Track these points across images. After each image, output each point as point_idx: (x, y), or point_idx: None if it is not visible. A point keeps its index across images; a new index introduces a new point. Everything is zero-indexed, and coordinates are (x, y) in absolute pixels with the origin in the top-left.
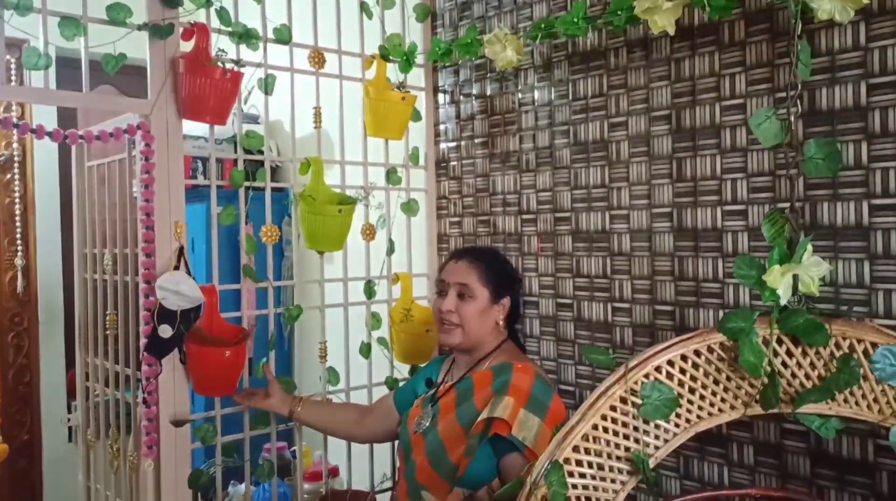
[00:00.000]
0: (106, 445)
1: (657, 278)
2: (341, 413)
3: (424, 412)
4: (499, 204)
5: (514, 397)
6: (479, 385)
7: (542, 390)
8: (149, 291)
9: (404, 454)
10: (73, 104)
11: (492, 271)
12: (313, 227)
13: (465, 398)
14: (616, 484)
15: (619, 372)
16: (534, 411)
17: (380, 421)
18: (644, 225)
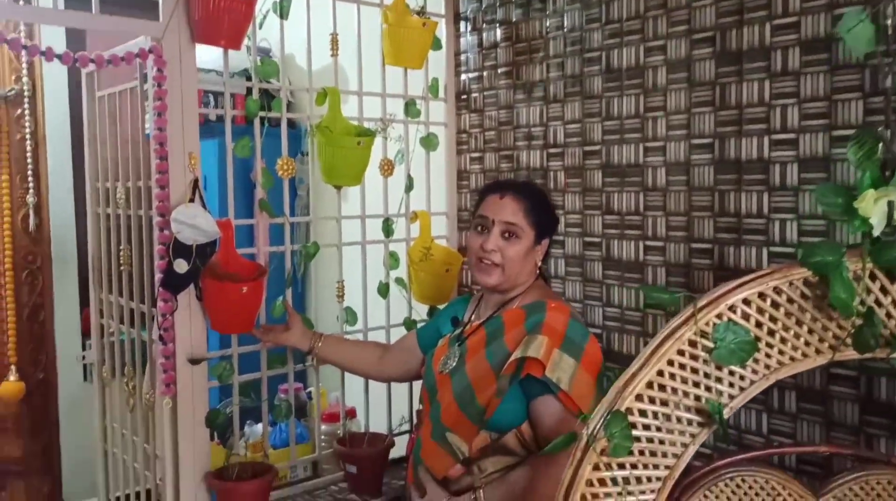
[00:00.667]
0: (122, 383)
1: (695, 215)
2: (362, 351)
3: (451, 352)
4: (523, 138)
5: (548, 336)
6: (510, 324)
7: (578, 330)
8: (163, 224)
9: (429, 394)
10: (81, 25)
11: (538, 210)
12: (331, 159)
13: (495, 338)
14: (685, 437)
15: (687, 312)
16: (569, 352)
17: (402, 360)
18: (682, 157)
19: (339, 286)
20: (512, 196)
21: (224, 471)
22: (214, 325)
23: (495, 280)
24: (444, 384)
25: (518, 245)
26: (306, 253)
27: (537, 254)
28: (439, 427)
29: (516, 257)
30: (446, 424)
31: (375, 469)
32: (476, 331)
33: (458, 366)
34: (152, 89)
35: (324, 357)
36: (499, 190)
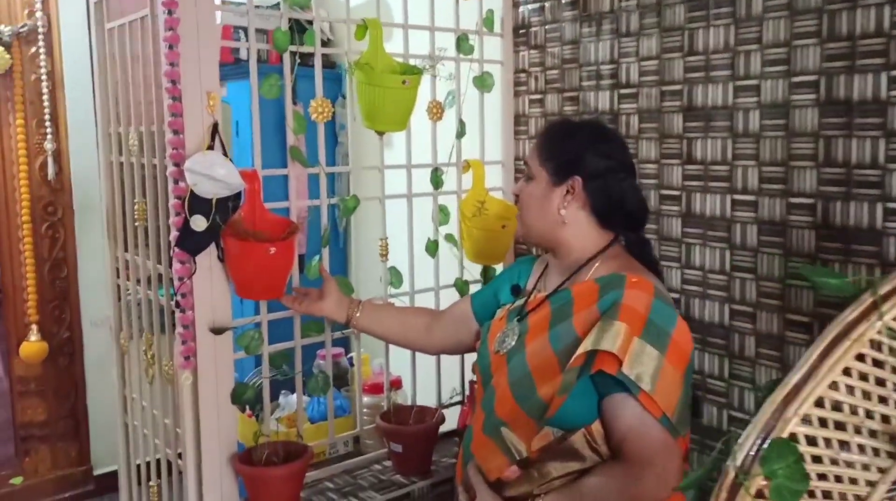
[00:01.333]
0: (140, 351)
1: (794, 164)
2: (407, 320)
3: (509, 328)
4: (590, 77)
5: (627, 322)
6: (581, 301)
7: (664, 312)
8: (178, 175)
9: (482, 377)
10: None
11: (553, 143)
12: (372, 101)
13: (562, 318)
14: (871, 472)
15: (865, 303)
16: (652, 341)
17: (453, 330)
18: (779, 97)
19: (383, 244)
20: (540, 135)
21: (253, 453)
22: (239, 290)
23: (518, 229)
24: (499, 367)
25: (531, 187)
26: (345, 207)
27: (556, 199)
28: (493, 419)
29: (527, 201)
30: (501, 416)
31: (423, 447)
32: (540, 306)
33: (517, 348)
34: (163, 17)
35: (363, 328)
36: None
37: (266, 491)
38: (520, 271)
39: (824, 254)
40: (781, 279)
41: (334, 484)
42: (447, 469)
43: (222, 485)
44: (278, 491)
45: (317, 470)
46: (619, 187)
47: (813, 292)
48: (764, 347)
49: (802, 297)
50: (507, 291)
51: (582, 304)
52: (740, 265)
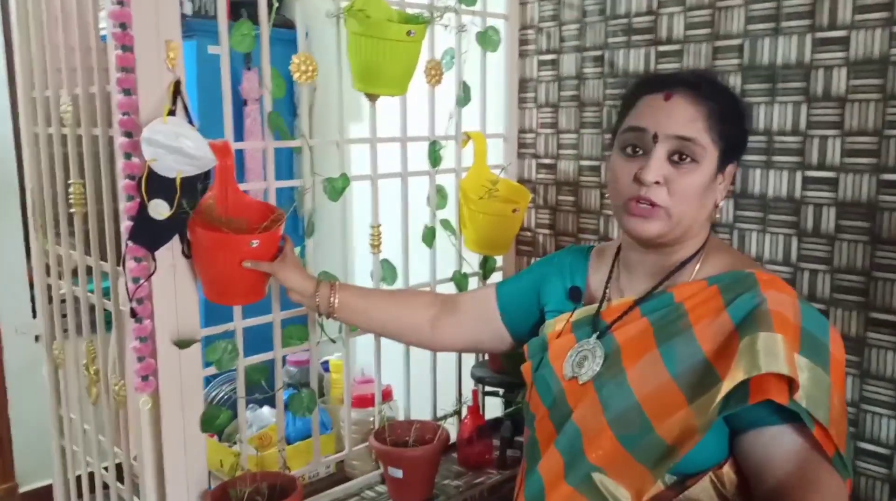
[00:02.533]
0: (80, 367)
1: (888, 133)
2: (405, 312)
3: (585, 347)
4: (620, 32)
5: (783, 333)
6: (695, 307)
7: (815, 319)
8: (130, 147)
9: (549, 410)
10: None
11: (725, 114)
12: (370, 57)
13: (673, 331)
14: None
15: None
16: (813, 357)
17: (470, 327)
18: (876, 53)
19: (375, 233)
20: (686, 95)
21: (230, 490)
22: (209, 293)
23: (657, 230)
24: (582, 398)
25: (696, 173)
26: (332, 188)
27: (719, 188)
28: (582, 465)
29: (692, 193)
30: (595, 462)
31: (427, 470)
32: (627, 316)
33: (610, 373)
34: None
35: (346, 319)
36: (663, 86)
37: None
38: (572, 266)
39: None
40: (865, 272)
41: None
42: (450, 494)
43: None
44: None
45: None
46: None
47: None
48: None
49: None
50: (556, 292)
51: (700, 312)
52: (811, 255)
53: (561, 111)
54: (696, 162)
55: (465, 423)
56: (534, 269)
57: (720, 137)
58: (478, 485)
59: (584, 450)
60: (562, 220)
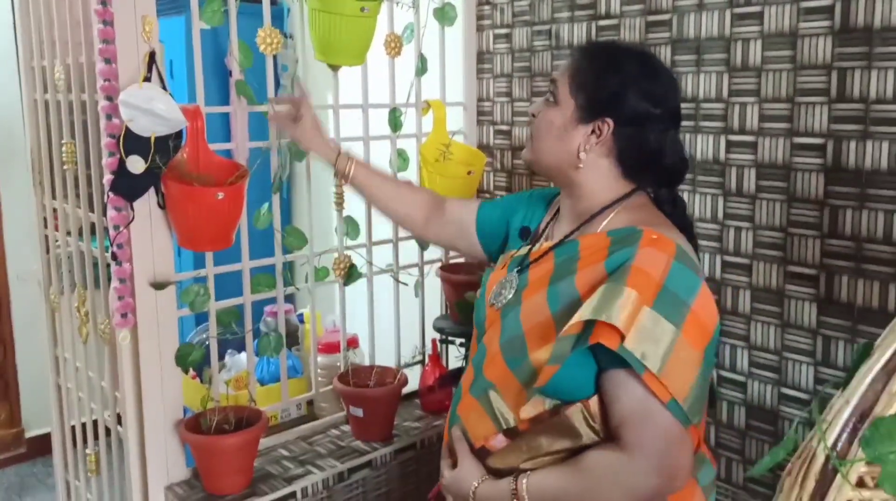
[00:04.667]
0: (72, 308)
1: (800, 100)
2: (407, 195)
3: (508, 280)
4: (565, 7)
5: (637, 288)
6: (587, 256)
7: (683, 278)
8: (111, 110)
9: (477, 331)
10: None
11: (591, 71)
12: (327, 30)
13: (564, 273)
14: None
15: None
16: (666, 312)
17: (451, 231)
18: (786, 26)
19: (338, 192)
20: (574, 54)
21: (201, 419)
22: (182, 240)
23: (526, 156)
24: (493, 322)
25: (552, 112)
26: (296, 150)
27: (579, 138)
28: (481, 381)
29: (543, 128)
30: (490, 378)
31: (385, 411)
32: (544, 257)
33: (513, 303)
34: None
35: (358, 184)
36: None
37: (217, 461)
38: (534, 208)
39: (833, 199)
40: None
41: (289, 452)
42: (409, 434)
43: (167, 454)
44: (230, 461)
45: (269, 437)
46: (658, 139)
47: (820, 242)
48: (760, 302)
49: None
50: (516, 227)
51: (588, 260)
52: (736, 213)
53: (514, 81)
54: (556, 104)
55: (426, 371)
56: (511, 199)
57: (577, 88)
58: (436, 427)
59: (484, 368)
60: (517, 182)
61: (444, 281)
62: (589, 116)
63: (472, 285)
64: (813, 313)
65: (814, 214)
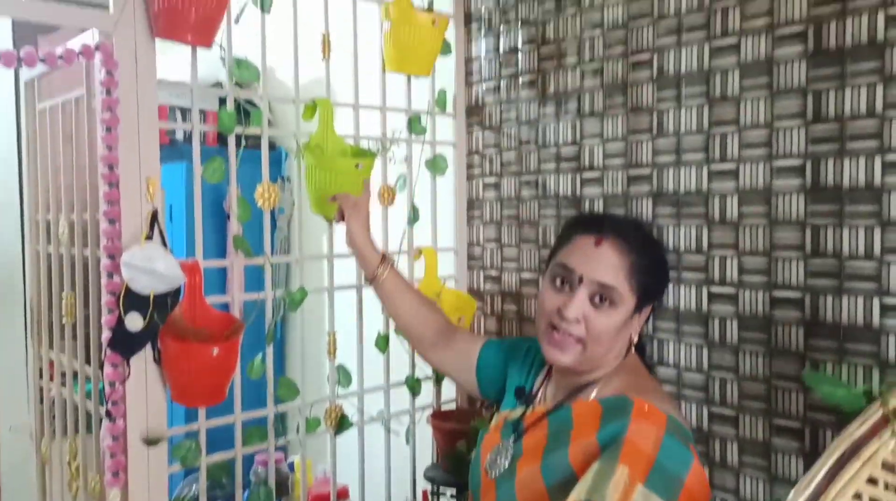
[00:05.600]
0: (63, 462)
1: (777, 255)
2: (427, 316)
3: (503, 446)
4: (551, 159)
5: (630, 464)
6: (581, 427)
7: (675, 452)
8: (112, 268)
9: (472, 495)
10: (4, 13)
11: (646, 268)
12: (322, 186)
13: (558, 444)
14: None
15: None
16: (659, 489)
17: (454, 361)
18: (761, 183)
19: (331, 340)
20: (614, 244)
21: None
22: (176, 395)
23: (570, 359)
24: (488, 491)
25: (612, 316)
26: (291, 300)
27: (634, 326)
28: None
29: (606, 332)
30: None
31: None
32: (538, 424)
33: (508, 474)
34: (100, 97)
35: (385, 291)
36: (596, 230)
37: None
38: (530, 363)
39: (813, 353)
40: (767, 379)
41: None
42: None
43: None
44: None
45: None
46: None
47: (804, 395)
48: (748, 454)
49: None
50: (512, 383)
51: (581, 429)
52: (720, 364)
53: (503, 228)
54: (615, 306)
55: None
56: (512, 346)
57: (639, 286)
58: None
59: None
60: (507, 327)
61: (436, 429)
62: (643, 304)
63: (463, 434)
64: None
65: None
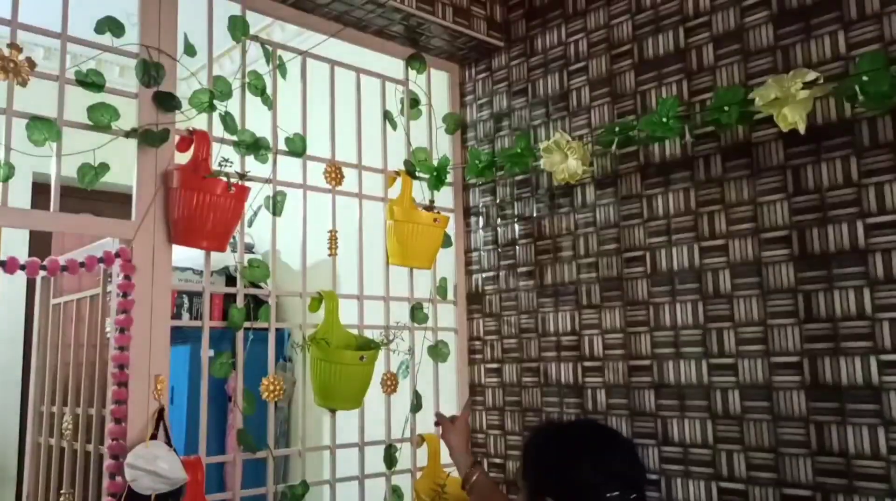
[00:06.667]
0: None
1: (783, 451)
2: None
3: None
4: (551, 347)
5: None
6: None
7: None
8: (115, 469)
9: None
10: (40, 227)
11: (530, 457)
12: (328, 378)
13: None
14: None
15: None
16: None
17: None
18: (761, 379)
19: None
20: None
21: None
22: None
23: None
24: None
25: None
26: (293, 495)
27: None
28: None
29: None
30: None
31: None
32: None
33: None
34: (116, 299)
35: (478, 492)
36: None
37: None
38: None
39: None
40: None
41: None
42: None
43: None
44: None
45: None
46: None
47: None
48: None
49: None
50: None
51: None
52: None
53: (506, 414)
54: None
55: None
56: None
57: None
58: None
59: None
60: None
61: None
62: (533, 497)
63: None
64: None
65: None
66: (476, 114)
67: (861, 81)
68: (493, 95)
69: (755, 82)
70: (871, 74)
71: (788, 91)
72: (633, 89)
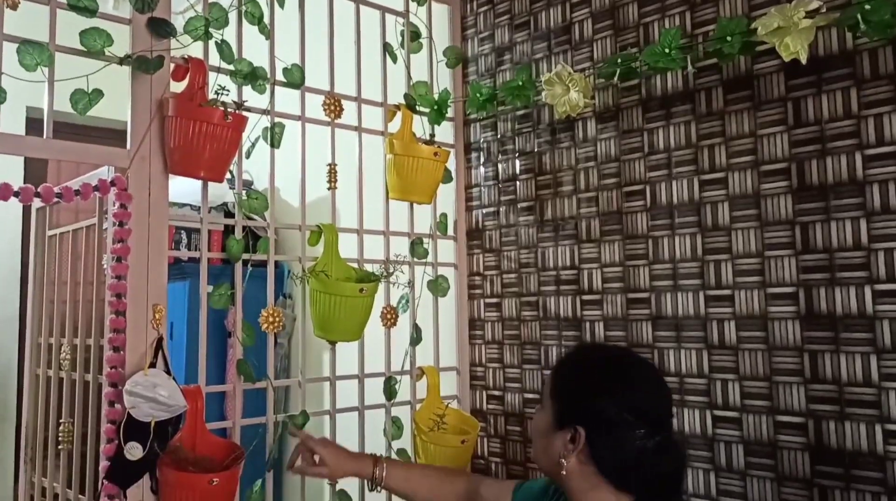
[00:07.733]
0: None
1: (777, 379)
2: (448, 486)
3: None
4: (551, 282)
5: None
6: None
7: None
8: (114, 396)
9: None
10: (25, 153)
11: (564, 379)
12: (327, 310)
13: None
14: None
15: None
16: None
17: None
18: (756, 309)
19: None
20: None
21: None
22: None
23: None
24: None
25: (537, 415)
26: (293, 425)
27: (558, 445)
28: None
29: (533, 431)
30: None
31: None
32: None
33: None
34: (112, 228)
35: (393, 489)
36: None
37: None
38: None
39: (820, 479)
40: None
41: None
42: None
43: None
44: None
45: None
46: (633, 446)
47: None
48: None
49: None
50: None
51: None
52: (728, 489)
53: (505, 348)
54: (541, 406)
55: None
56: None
57: (555, 396)
58: None
59: None
60: (510, 449)
61: None
62: (564, 422)
63: None
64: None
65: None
66: (477, 48)
67: (863, 9)
68: (494, 28)
69: (758, 13)
70: (873, 3)
71: (791, 20)
72: (635, 22)
